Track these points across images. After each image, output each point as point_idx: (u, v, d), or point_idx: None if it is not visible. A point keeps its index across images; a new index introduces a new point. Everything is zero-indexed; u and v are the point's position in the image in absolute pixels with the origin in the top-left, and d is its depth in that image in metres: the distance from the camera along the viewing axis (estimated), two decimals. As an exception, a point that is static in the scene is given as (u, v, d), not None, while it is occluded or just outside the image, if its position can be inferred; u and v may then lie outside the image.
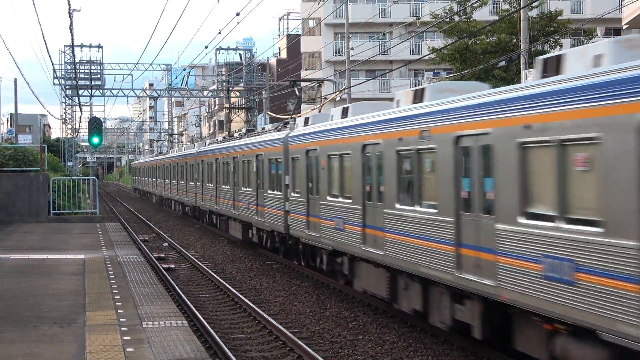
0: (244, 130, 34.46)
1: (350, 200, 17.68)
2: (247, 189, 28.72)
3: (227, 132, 42.51)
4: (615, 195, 9.14)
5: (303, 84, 63.93)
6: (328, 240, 19.23)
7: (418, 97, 15.23)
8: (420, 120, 14.07)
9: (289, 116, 29.54)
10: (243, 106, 57.62)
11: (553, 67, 11.05)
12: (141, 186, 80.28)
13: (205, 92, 68.52)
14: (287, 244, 24.39)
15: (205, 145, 42.18)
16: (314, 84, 33.56)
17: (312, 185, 20.83)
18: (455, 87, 15.36)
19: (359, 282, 17.84)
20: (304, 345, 13.72)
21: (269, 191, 25.47)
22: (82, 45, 57.15)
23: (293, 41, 72.33)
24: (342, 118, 19.32)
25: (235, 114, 60.43)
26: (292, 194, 22.59)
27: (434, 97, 14.45)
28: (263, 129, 30.05)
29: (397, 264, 15.03)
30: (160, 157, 65.05)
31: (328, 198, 19.31)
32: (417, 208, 14.22)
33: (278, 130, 26.15)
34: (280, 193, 24.00)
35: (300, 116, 29.14)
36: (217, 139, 44.44)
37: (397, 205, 15.05)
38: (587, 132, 9.56)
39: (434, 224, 13.42)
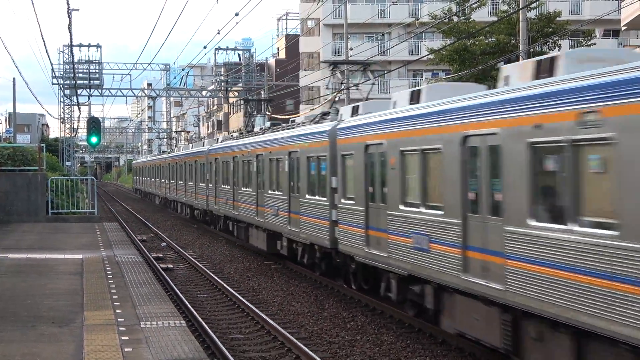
0: (267, 124, 30.56)
1: (440, 212, 13.42)
2: (276, 193, 24.25)
3: (242, 127, 40.15)
4: None
5: (305, 82, 64.00)
6: (401, 263, 15.02)
7: (545, 69, 11.37)
8: (579, 97, 9.70)
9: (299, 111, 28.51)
10: (263, 98, 56.90)
11: None
12: (143, 187, 76.01)
13: (203, 92, 68.50)
14: (331, 261, 20.27)
15: (218, 142, 37.87)
16: (358, 68, 30.78)
17: (374, 190, 16.67)
18: (600, 55, 11.51)
19: (450, 320, 13.55)
20: (302, 346, 13.71)
21: (307, 196, 21.19)
22: (80, 45, 57.17)
23: (292, 41, 72.34)
24: (411, 104, 15.41)
25: (252, 109, 58.52)
26: (343, 201, 18.46)
27: (573, 69, 10.60)
28: (293, 121, 25.99)
29: (529, 305, 10.69)
30: (164, 155, 60.43)
31: (402, 207, 15.05)
32: (574, 227, 9.77)
33: (316, 123, 22.20)
34: (325, 199, 19.61)
35: (334, 100, 26.45)
36: (232, 135, 40.02)
37: (531, 222, 10.68)
38: None
39: (613, 252, 9.03)
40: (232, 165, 31.43)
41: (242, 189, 29.30)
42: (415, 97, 15.41)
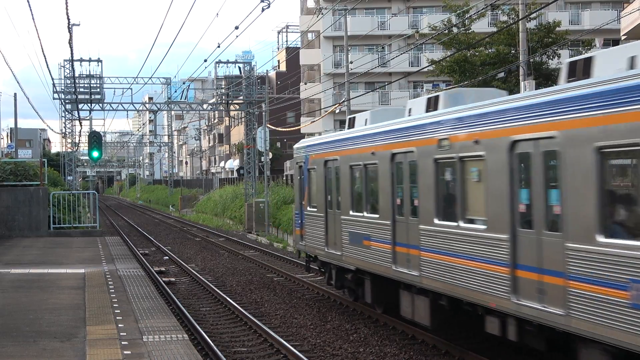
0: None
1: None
2: None
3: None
4: None
5: (306, 94, 63.93)
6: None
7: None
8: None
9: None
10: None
11: None
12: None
13: (204, 106, 68.58)
14: None
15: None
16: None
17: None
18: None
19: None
20: (305, 358, 13.69)
21: None
22: (81, 60, 57.16)
23: (292, 54, 72.50)
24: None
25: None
26: None
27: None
28: None
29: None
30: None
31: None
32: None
33: None
34: None
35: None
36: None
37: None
38: None
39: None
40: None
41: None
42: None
